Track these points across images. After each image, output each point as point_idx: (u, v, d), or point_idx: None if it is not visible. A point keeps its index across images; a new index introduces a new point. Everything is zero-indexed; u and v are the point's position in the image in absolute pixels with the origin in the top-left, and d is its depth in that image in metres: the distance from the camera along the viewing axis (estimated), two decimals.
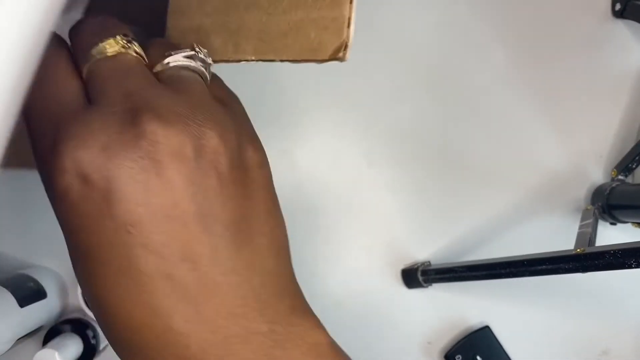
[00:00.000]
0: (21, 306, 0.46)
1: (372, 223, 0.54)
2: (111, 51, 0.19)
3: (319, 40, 0.19)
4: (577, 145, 0.55)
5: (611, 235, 0.52)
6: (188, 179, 0.17)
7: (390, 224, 0.54)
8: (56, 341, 0.47)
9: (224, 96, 0.22)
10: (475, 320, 0.54)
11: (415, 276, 0.52)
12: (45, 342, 0.48)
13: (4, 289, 0.45)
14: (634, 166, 0.52)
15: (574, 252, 0.42)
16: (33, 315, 0.48)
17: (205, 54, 0.22)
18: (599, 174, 0.55)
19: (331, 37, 0.19)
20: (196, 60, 0.21)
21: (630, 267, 0.37)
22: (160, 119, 0.17)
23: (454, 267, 0.50)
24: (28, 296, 0.47)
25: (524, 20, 0.55)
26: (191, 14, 0.24)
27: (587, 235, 0.46)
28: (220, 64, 0.23)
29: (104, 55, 0.19)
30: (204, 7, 0.23)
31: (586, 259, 0.40)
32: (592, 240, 0.45)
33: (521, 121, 0.55)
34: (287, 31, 0.20)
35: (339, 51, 0.19)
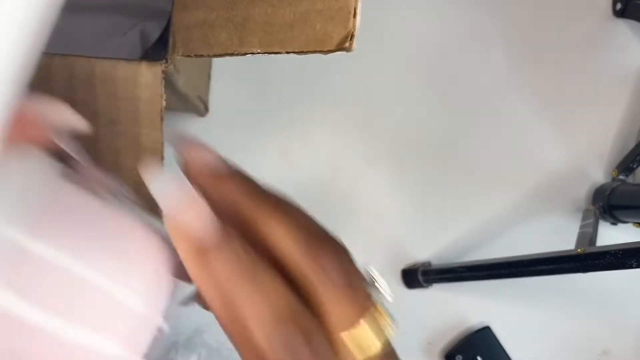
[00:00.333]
0: None
1: (372, 223, 0.54)
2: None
3: (325, 31, 0.19)
4: (578, 145, 0.55)
5: (612, 235, 0.52)
6: None
7: (390, 224, 0.54)
8: None
9: None
10: (476, 320, 0.54)
11: (416, 276, 0.52)
12: None
13: None
14: (634, 166, 0.52)
15: (575, 252, 0.42)
16: None
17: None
18: (599, 174, 0.55)
19: (337, 27, 0.19)
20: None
21: (630, 267, 0.37)
22: None
23: (454, 267, 0.50)
24: None
25: (525, 21, 0.55)
26: (196, 8, 0.23)
27: (588, 236, 0.46)
28: (225, 57, 0.22)
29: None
30: (209, 0, 0.23)
31: (587, 259, 0.40)
32: (592, 240, 0.45)
33: (522, 121, 0.55)
34: (293, 22, 0.20)
35: (345, 41, 0.18)
